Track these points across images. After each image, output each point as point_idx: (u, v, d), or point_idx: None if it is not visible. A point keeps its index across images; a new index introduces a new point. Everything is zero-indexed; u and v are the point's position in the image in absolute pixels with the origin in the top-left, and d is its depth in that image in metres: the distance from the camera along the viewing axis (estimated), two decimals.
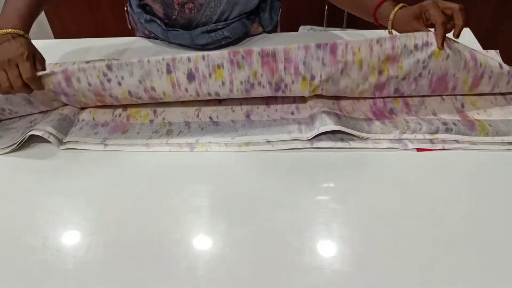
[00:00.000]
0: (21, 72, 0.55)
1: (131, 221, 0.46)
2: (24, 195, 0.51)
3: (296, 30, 1.34)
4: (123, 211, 0.48)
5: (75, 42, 0.84)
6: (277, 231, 0.44)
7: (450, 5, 0.52)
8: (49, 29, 1.80)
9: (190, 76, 0.55)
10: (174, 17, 0.76)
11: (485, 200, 0.46)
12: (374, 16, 0.61)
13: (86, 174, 0.54)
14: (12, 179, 0.54)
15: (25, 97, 0.61)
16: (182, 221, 0.46)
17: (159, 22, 0.78)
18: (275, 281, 0.40)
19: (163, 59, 0.55)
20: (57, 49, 0.82)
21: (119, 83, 0.57)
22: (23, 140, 0.57)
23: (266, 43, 0.79)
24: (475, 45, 0.71)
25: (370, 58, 0.53)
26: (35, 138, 0.58)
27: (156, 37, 0.82)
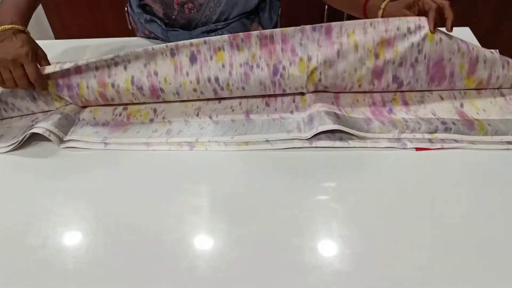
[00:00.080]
0: (27, 72, 0.56)
1: (131, 221, 0.47)
2: (24, 194, 0.52)
3: None
4: (123, 210, 0.48)
5: (75, 42, 0.85)
6: (277, 230, 0.44)
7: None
8: (49, 30, 1.80)
9: (193, 58, 0.58)
10: (174, 17, 0.76)
11: (484, 199, 0.46)
12: (364, 9, 0.62)
13: (86, 173, 0.54)
14: (13, 178, 0.55)
15: (29, 92, 0.62)
16: (182, 221, 0.46)
17: (159, 22, 0.78)
18: (275, 280, 0.40)
19: (167, 45, 0.58)
20: (57, 49, 0.82)
21: (125, 67, 0.59)
22: (24, 139, 0.58)
23: None
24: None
25: (365, 40, 0.55)
26: (36, 137, 0.58)
27: (156, 37, 0.83)
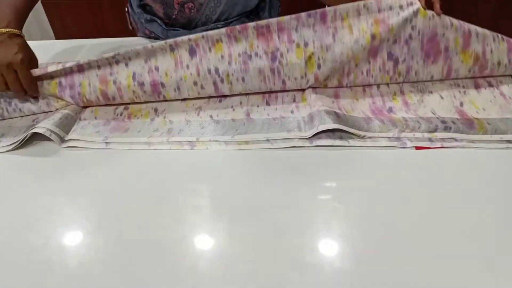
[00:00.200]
0: (20, 78, 0.58)
1: (133, 220, 0.47)
2: (25, 194, 0.52)
3: None
4: (125, 210, 0.48)
5: (75, 43, 0.85)
6: (278, 229, 0.44)
7: None
8: (50, 30, 1.80)
9: (192, 52, 0.59)
10: (174, 16, 0.77)
11: (484, 198, 0.46)
12: None
13: (88, 173, 0.54)
14: (14, 177, 0.55)
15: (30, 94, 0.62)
16: (183, 220, 0.46)
17: (159, 22, 0.78)
18: (276, 279, 0.40)
19: (165, 42, 0.59)
20: (57, 49, 0.82)
21: (127, 64, 0.60)
22: (25, 138, 0.58)
23: None
24: None
25: (359, 22, 0.56)
26: (37, 136, 0.58)
27: (156, 37, 0.83)
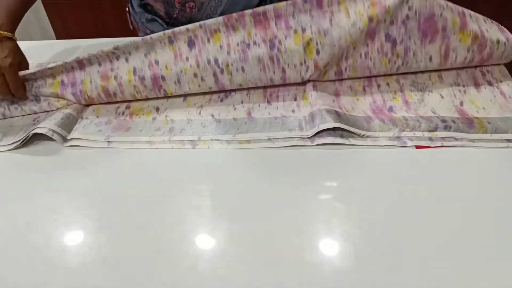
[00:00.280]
0: (8, 83, 0.59)
1: (134, 219, 0.47)
2: (27, 193, 0.52)
3: None
4: (126, 209, 0.48)
5: (76, 43, 0.85)
6: (278, 228, 0.45)
7: None
8: (50, 30, 1.80)
9: (191, 44, 0.59)
10: (175, 16, 0.77)
11: (484, 196, 0.46)
12: None
13: (89, 172, 0.54)
14: (15, 176, 0.55)
15: (31, 93, 0.63)
16: (184, 219, 0.47)
17: (160, 21, 0.78)
18: (276, 277, 0.40)
19: (164, 33, 0.59)
20: (58, 49, 0.82)
21: (127, 60, 0.61)
22: (26, 138, 0.58)
23: None
24: None
25: (355, 5, 0.56)
26: (38, 136, 0.58)
27: None
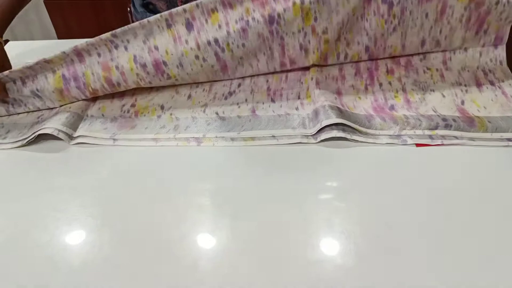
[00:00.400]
0: None
1: (137, 218, 0.47)
2: (30, 191, 0.52)
3: None
4: (129, 207, 0.49)
5: (78, 42, 0.85)
6: (280, 225, 0.45)
7: None
8: (52, 30, 1.81)
9: (189, 26, 0.59)
10: None
11: (483, 195, 0.47)
12: None
13: (93, 170, 0.55)
14: (19, 174, 0.55)
15: (32, 91, 0.63)
16: (187, 217, 0.47)
17: None
18: (278, 275, 0.40)
19: (161, 16, 0.59)
20: (60, 49, 0.82)
21: (126, 48, 0.60)
22: (32, 138, 0.59)
23: None
24: None
25: None
26: (43, 134, 0.59)
27: None
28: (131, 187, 0.51)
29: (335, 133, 0.54)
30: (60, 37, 1.81)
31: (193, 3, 0.58)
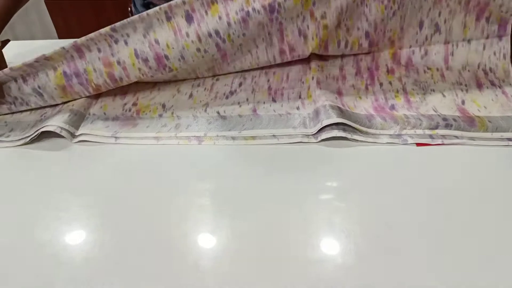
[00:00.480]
0: None
1: (138, 217, 0.47)
2: (33, 190, 0.52)
3: None
4: (131, 206, 0.49)
5: None
6: (280, 225, 0.45)
7: None
8: (53, 29, 1.81)
9: (189, 18, 0.58)
10: None
11: (483, 195, 0.47)
12: None
13: (95, 169, 0.55)
14: (21, 173, 0.56)
15: (34, 88, 0.62)
16: (188, 217, 0.47)
17: None
18: (278, 274, 0.40)
19: (160, 8, 0.58)
20: None
21: (126, 42, 0.59)
22: (35, 136, 0.59)
23: None
24: None
25: None
26: (45, 132, 0.59)
27: None
28: (132, 185, 0.52)
29: (335, 132, 0.54)
30: (60, 37, 1.81)
31: None
